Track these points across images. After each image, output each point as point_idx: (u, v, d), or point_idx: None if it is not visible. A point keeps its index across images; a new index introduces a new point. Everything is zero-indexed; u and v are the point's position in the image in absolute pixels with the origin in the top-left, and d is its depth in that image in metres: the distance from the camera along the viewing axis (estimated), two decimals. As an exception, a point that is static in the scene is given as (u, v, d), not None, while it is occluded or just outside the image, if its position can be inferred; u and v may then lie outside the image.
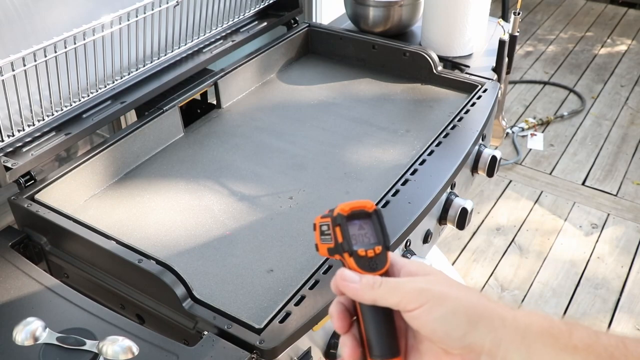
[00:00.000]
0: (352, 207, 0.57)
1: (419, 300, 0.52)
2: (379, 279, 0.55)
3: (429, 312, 0.52)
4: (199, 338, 0.91)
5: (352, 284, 0.55)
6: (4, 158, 1.12)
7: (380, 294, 0.54)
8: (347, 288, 0.56)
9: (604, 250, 2.55)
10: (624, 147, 3.16)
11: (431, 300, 0.52)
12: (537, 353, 0.50)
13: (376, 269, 0.56)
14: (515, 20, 1.48)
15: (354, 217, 0.57)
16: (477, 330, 0.51)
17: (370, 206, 0.58)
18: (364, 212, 0.58)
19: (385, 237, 0.57)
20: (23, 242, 1.11)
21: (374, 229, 0.58)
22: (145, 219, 1.17)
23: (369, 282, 0.55)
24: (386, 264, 0.57)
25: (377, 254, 0.56)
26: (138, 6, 1.25)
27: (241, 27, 1.62)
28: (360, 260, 0.56)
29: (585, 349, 0.49)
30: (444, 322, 0.51)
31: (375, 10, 1.66)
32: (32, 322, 0.81)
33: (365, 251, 0.56)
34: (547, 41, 4.15)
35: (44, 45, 1.09)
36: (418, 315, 0.52)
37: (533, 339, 0.50)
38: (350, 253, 0.56)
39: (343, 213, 0.57)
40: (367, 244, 0.57)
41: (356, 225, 0.57)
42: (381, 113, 1.47)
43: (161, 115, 1.34)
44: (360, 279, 0.55)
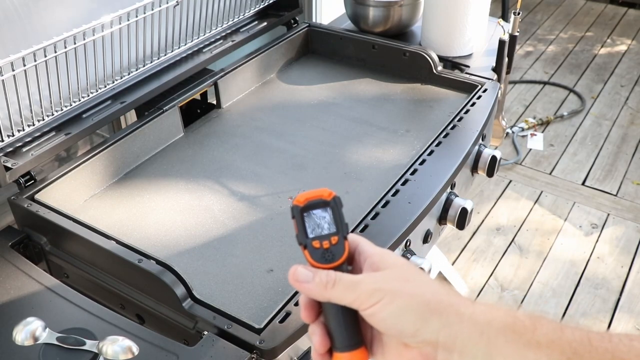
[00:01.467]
0: (307, 198, 0.56)
1: (372, 299, 0.52)
2: (333, 278, 0.54)
3: (382, 309, 0.52)
4: (199, 338, 0.91)
5: (305, 283, 0.54)
6: (4, 158, 1.12)
7: (334, 293, 0.53)
8: (300, 288, 0.55)
9: (604, 250, 2.55)
10: (624, 147, 3.16)
11: (384, 297, 0.52)
12: (498, 349, 0.49)
13: (332, 260, 0.55)
14: (515, 20, 1.48)
15: (312, 207, 0.56)
16: (429, 326, 0.50)
17: (327, 194, 0.57)
18: (321, 202, 0.56)
19: (343, 226, 0.56)
20: (23, 242, 1.11)
21: (333, 218, 0.56)
22: (145, 219, 1.17)
23: (322, 282, 0.54)
24: (343, 254, 0.55)
25: (333, 244, 0.55)
26: (138, 6, 1.25)
27: (241, 27, 1.62)
28: (315, 253, 0.55)
29: (548, 345, 0.48)
30: (396, 319, 0.51)
31: (375, 10, 1.66)
32: (32, 322, 0.81)
33: (320, 243, 0.55)
34: (547, 41, 4.15)
35: (44, 45, 1.09)
36: (372, 313, 0.52)
37: (494, 334, 0.49)
38: (304, 245, 0.55)
39: (298, 204, 0.56)
40: (323, 235, 0.55)
41: (314, 216, 0.56)
42: (381, 113, 1.47)
43: (161, 115, 1.34)
44: (313, 278, 0.54)
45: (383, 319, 0.52)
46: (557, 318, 2.26)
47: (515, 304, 2.32)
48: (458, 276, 2.08)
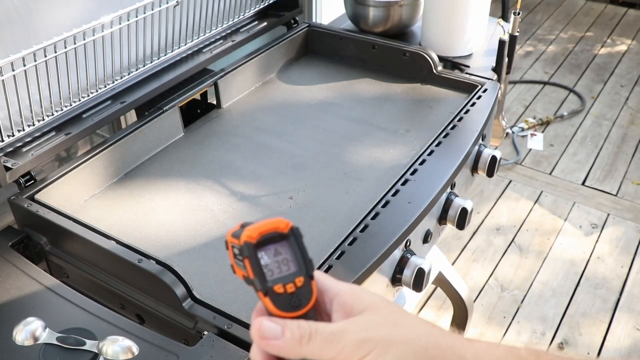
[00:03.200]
0: (261, 232, 0.47)
1: (360, 353, 0.44)
2: (307, 331, 0.45)
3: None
4: (199, 338, 0.91)
5: (274, 340, 0.45)
6: (4, 158, 1.12)
7: (311, 350, 0.44)
8: (268, 347, 0.45)
9: (603, 250, 2.55)
10: (624, 147, 3.16)
11: (375, 349, 0.44)
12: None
13: (299, 306, 0.46)
14: (515, 20, 1.48)
15: (266, 243, 0.47)
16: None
17: (284, 226, 0.48)
18: (277, 235, 0.47)
19: (307, 263, 0.47)
20: (23, 242, 1.11)
21: (293, 253, 0.47)
22: (145, 219, 1.17)
23: (295, 337, 0.45)
24: (312, 297, 0.47)
25: (298, 287, 0.46)
26: (138, 6, 1.25)
27: (241, 27, 1.62)
28: (279, 300, 0.46)
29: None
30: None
31: (375, 10, 1.66)
32: (32, 322, 0.81)
33: (283, 286, 0.46)
34: (547, 41, 4.15)
35: (44, 45, 1.09)
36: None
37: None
38: (265, 292, 0.46)
39: (250, 241, 0.47)
40: (285, 276, 0.47)
41: (270, 251, 0.47)
42: (381, 113, 1.47)
43: (161, 115, 1.34)
44: (283, 332, 0.45)
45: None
46: (557, 318, 2.27)
47: (515, 304, 2.33)
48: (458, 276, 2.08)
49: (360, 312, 0.46)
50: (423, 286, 1.14)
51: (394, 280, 1.13)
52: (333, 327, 0.45)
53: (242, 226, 0.48)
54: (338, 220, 1.14)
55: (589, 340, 2.19)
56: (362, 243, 1.05)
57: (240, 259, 0.48)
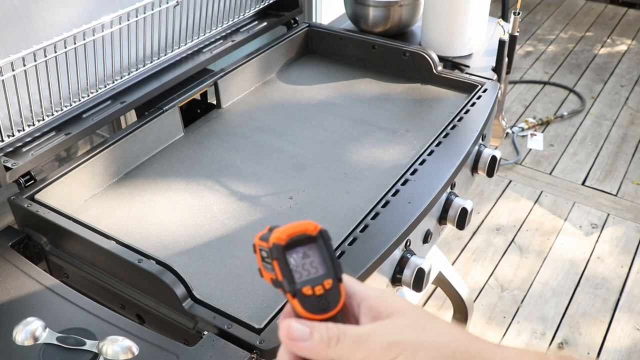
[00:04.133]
0: (290, 234, 0.47)
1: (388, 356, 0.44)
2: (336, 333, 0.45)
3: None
4: (199, 338, 0.91)
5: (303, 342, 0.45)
6: (4, 158, 1.12)
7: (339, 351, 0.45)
8: (296, 348, 0.46)
9: (603, 250, 2.55)
10: (624, 147, 3.16)
11: (403, 352, 0.44)
12: None
13: (328, 309, 0.46)
14: (515, 20, 1.48)
15: (295, 245, 0.47)
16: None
17: (313, 228, 0.48)
18: (306, 237, 0.48)
19: (336, 266, 0.47)
20: (23, 242, 1.11)
21: (321, 256, 0.47)
22: (145, 219, 1.17)
23: (323, 339, 0.45)
24: (340, 300, 0.47)
25: (327, 289, 0.46)
26: (138, 6, 1.25)
27: (241, 27, 1.62)
28: (307, 301, 0.46)
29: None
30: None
31: (375, 10, 1.66)
32: (32, 322, 0.81)
33: (312, 288, 0.46)
34: (547, 41, 4.15)
35: (44, 45, 1.09)
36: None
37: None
38: (293, 294, 0.46)
39: (279, 242, 0.47)
40: (314, 278, 0.47)
41: (299, 254, 0.47)
42: (381, 113, 1.47)
43: (161, 115, 1.34)
44: (312, 334, 0.45)
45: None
46: (557, 318, 2.27)
47: (515, 304, 2.33)
48: (458, 276, 2.08)
49: (388, 316, 0.46)
50: (423, 286, 1.14)
51: (394, 280, 1.13)
52: (361, 329, 0.45)
53: (270, 229, 0.48)
54: (338, 220, 1.14)
55: (589, 340, 2.19)
56: (362, 243, 1.05)
57: (268, 262, 0.48)
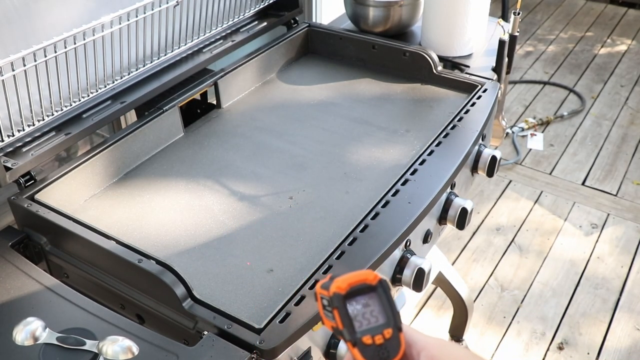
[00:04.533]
0: (350, 283, 0.48)
1: None
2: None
3: None
4: (199, 338, 0.91)
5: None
6: (4, 158, 1.12)
7: None
8: None
9: (603, 250, 2.55)
10: (624, 147, 3.16)
11: None
12: None
13: (387, 358, 0.46)
14: (515, 20, 1.48)
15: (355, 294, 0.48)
16: None
17: (372, 278, 0.48)
18: (365, 287, 0.48)
19: (396, 315, 0.47)
20: (23, 242, 1.11)
21: (381, 305, 0.48)
22: (145, 219, 1.17)
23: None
24: (400, 350, 0.47)
25: (387, 339, 0.47)
26: (138, 6, 1.25)
27: (241, 27, 1.62)
28: (367, 350, 0.46)
29: None
30: None
31: (375, 10, 1.66)
32: (32, 322, 0.81)
33: (372, 338, 0.46)
34: (547, 41, 4.15)
35: (44, 45, 1.09)
36: None
37: None
38: (353, 343, 0.47)
39: (340, 292, 0.48)
40: (374, 328, 0.47)
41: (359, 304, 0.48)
42: (381, 113, 1.47)
43: (161, 115, 1.34)
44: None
45: None
46: (557, 318, 2.27)
47: (515, 304, 2.33)
48: (458, 276, 2.08)
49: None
50: (423, 286, 1.14)
51: (394, 280, 1.13)
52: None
53: (331, 278, 0.48)
54: (338, 220, 1.14)
55: (589, 340, 2.19)
56: (362, 243, 1.05)
57: (329, 310, 0.49)
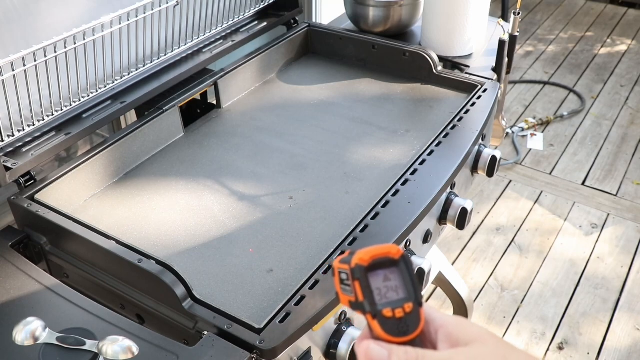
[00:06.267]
0: (373, 255, 0.47)
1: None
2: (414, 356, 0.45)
3: None
4: (199, 338, 0.91)
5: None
6: (4, 158, 1.12)
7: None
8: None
9: (603, 250, 2.55)
10: (624, 147, 3.16)
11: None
12: None
13: (407, 332, 0.46)
14: (515, 20, 1.48)
15: (377, 267, 0.47)
16: None
17: (395, 252, 0.48)
18: (388, 260, 0.48)
19: (417, 291, 0.48)
20: (23, 242, 1.11)
21: (402, 280, 0.47)
22: (145, 219, 1.17)
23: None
24: (419, 324, 0.47)
25: (407, 313, 0.47)
26: (138, 6, 1.25)
27: (241, 27, 1.62)
28: (387, 324, 0.46)
29: None
30: None
31: (375, 10, 1.66)
32: (32, 322, 0.81)
33: (392, 311, 0.46)
34: (547, 41, 4.15)
35: (44, 45, 1.09)
36: None
37: None
38: (373, 315, 0.47)
39: (362, 264, 0.47)
40: (395, 301, 0.47)
41: (380, 277, 0.47)
42: (381, 113, 1.47)
43: (161, 115, 1.34)
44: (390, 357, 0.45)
45: None
46: (557, 318, 2.27)
47: (515, 304, 2.33)
48: (458, 276, 2.08)
49: (467, 344, 0.46)
50: (423, 286, 1.14)
51: (394, 280, 1.13)
52: (440, 355, 0.45)
53: (350, 253, 0.48)
54: (338, 220, 1.14)
55: (589, 340, 2.19)
56: (362, 243, 1.05)
57: (347, 284, 0.48)
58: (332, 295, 0.95)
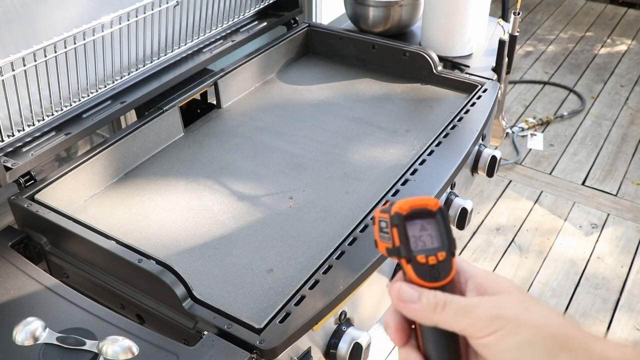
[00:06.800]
0: (412, 205, 0.50)
1: (489, 328, 0.46)
2: (442, 300, 0.48)
3: (502, 340, 0.45)
4: (199, 338, 0.91)
5: (411, 304, 0.48)
6: (4, 158, 1.12)
7: (443, 318, 0.47)
8: (404, 309, 0.49)
9: (603, 250, 2.55)
10: (624, 147, 3.16)
11: (505, 326, 0.45)
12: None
13: (438, 278, 0.49)
14: (515, 20, 1.48)
15: (415, 217, 0.50)
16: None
17: (433, 204, 0.50)
18: (426, 211, 0.50)
19: (451, 242, 0.50)
20: (23, 242, 1.11)
21: (438, 231, 0.50)
22: (145, 219, 1.17)
23: (430, 303, 0.48)
24: (450, 272, 0.50)
25: (440, 261, 0.49)
26: (138, 6, 1.25)
27: (241, 27, 1.62)
28: (420, 269, 0.49)
29: None
30: (518, 352, 0.45)
31: (375, 10, 1.66)
32: (32, 322, 0.81)
33: (426, 257, 0.49)
34: (547, 41, 4.15)
35: (44, 45, 1.09)
36: (488, 344, 0.46)
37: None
38: (408, 259, 0.49)
39: (401, 212, 0.50)
40: (429, 249, 0.49)
41: (417, 226, 0.50)
42: (381, 113, 1.47)
43: (161, 115, 1.34)
44: (420, 298, 0.48)
45: (501, 351, 0.46)
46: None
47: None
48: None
49: (494, 294, 0.48)
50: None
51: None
52: (467, 300, 0.48)
53: (390, 203, 0.51)
54: (338, 220, 1.14)
55: (589, 340, 2.18)
56: (362, 243, 1.05)
57: (386, 232, 0.51)
58: (332, 295, 0.95)
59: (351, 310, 1.02)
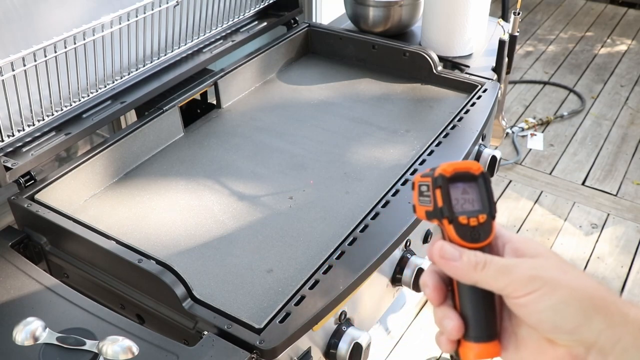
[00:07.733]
0: (455, 168, 0.51)
1: (527, 288, 0.47)
2: (483, 259, 0.49)
3: (538, 300, 0.46)
4: (199, 338, 0.91)
5: (453, 262, 0.50)
6: (4, 158, 1.12)
7: (483, 276, 0.48)
8: (446, 266, 0.50)
9: (604, 250, 2.55)
10: (624, 147, 3.16)
11: (543, 287, 0.46)
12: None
13: (478, 239, 0.50)
14: (515, 20, 1.48)
15: (457, 180, 0.51)
16: (592, 324, 0.45)
17: (476, 168, 0.51)
18: (468, 175, 0.51)
19: (492, 205, 0.51)
20: (23, 242, 1.11)
21: (479, 194, 0.51)
22: (145, 219, 1.17)
23: (471, 262, 0.49)
24: (490, 235, 0.51)
25: (480, 223, 0.50)
26: (138, 6, 1.25)
27: (241, 27, 1.62)
28: (461, 229, 0.50)
29: None
30: (555, 312, 0.46)
31: (375, 10, 1.66)
32: (32, 322, 0.81)
33: (467, 219, 0.50)
34: (547, 41, 4.15)
35: (44, 45, 1.09)
36: (525, 304, 0.47)
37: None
38: (450, 219, 0.50)
39: (445, 174, 0.51)
40: (470, 211, 0.50)
41: (459, 189, 0.51)
42: (381, 113, 1.47)
43: (161, 115, 1.34)
44: (461, 256, 0.49)
45: (538, 310, 0.47)
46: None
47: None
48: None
49: (532, 257, 0.49)
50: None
51: (394, 280, 1.13)
52: (506, 261, 0.49)
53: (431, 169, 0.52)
54: (338, 220, 1.14)
55: (589, 340, 2.18)
56: (362, 243, 1.05)
57: (427, 195, 0.52)
58: (332, 295, 0.95)
59: (351, 310, 1.02)
